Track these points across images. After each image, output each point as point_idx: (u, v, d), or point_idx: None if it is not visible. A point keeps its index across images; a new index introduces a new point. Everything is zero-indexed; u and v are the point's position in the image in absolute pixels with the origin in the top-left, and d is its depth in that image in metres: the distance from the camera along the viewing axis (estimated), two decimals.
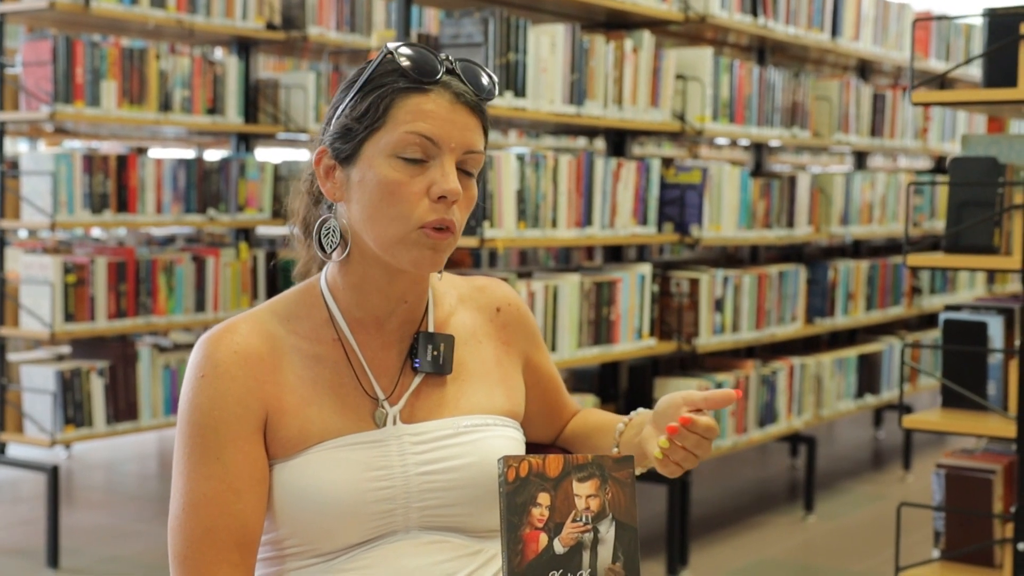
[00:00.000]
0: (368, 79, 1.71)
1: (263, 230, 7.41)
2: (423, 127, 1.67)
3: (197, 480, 1.68)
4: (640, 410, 1.88)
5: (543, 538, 1.57)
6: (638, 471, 1.81)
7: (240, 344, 1.72)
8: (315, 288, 1.80)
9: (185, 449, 1.69)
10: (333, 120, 1.74)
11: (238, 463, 1.68)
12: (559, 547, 1.57)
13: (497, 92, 1.77)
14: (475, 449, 1.75)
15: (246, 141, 6.15)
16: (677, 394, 1.76)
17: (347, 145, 1.71)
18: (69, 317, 5.06)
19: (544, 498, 1.57)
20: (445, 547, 1.74)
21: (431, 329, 1.81)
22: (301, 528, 1.70)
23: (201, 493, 1.67)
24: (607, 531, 1.59)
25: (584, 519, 1.59)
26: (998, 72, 3.54)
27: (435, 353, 1.79)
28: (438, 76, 1.69)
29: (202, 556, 1.66)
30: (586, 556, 1.59)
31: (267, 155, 7.31)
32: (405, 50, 1.70)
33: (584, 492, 1.59)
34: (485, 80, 1.74)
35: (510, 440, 1.81)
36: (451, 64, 1.72)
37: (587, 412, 2.03)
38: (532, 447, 1.95)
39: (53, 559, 4.93)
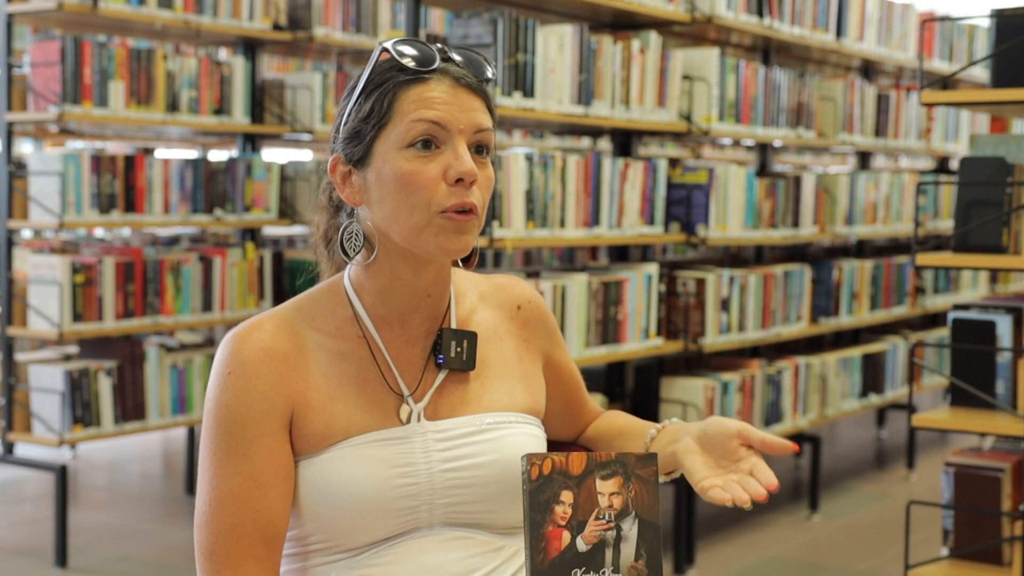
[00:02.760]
0: (369, 79, 1.73)
1: (269, 230, 7.43)
2: (429, 114, 1.69)
3: (224, 477, 1.69)
4: (675, 420, 1.88)
5: (566, 536, 1.57)
6: (663, 479, 1.81)
7: (267, 341, 1.73)
8: (338, 286, 1.82)
9: (212, 446, 1.70)
10: (341, 127, 1.76)
11: (264, 460, 1.69)
12: (582, 545, 1.57)
13: (494, 75, 1.79)
14: (498, 446, 1.77)
15: (252, 141, 6.15)
16: (731, 422, 1.75)
17: (358, 147, 1.73)
18: (77, 317, 5.07)
19: (567, 496, 1.57)
20: (468, 543, 1.75)
21: (454, 325, 1.83)
22: (325, 524, 1.71)
23: (227, 489, 1.68)
24: (630, 529, 1.59)
25: (607, 517, 1.59)
26: (1006, 72, 3.56)
27: (459, 350, 1.80)
28: (436, 64, 1.71)
29: (228, 551, 1.67)
30: (609, 554, 1.59)
31: (273, 155, 7.34)
32: (399, 45, 1.72)
33: (607, 490, 1.59)
34: (481, 64, 1.76)
35: (532, 438, 1.82)
36: (446, 52, 1.74)
37: (612, 415, 2.03)
38: (553, 445, 1.96)
39: (61, 558, 4.94)
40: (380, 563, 1.72)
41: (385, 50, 1.72)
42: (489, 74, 1.77)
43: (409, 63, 1.70)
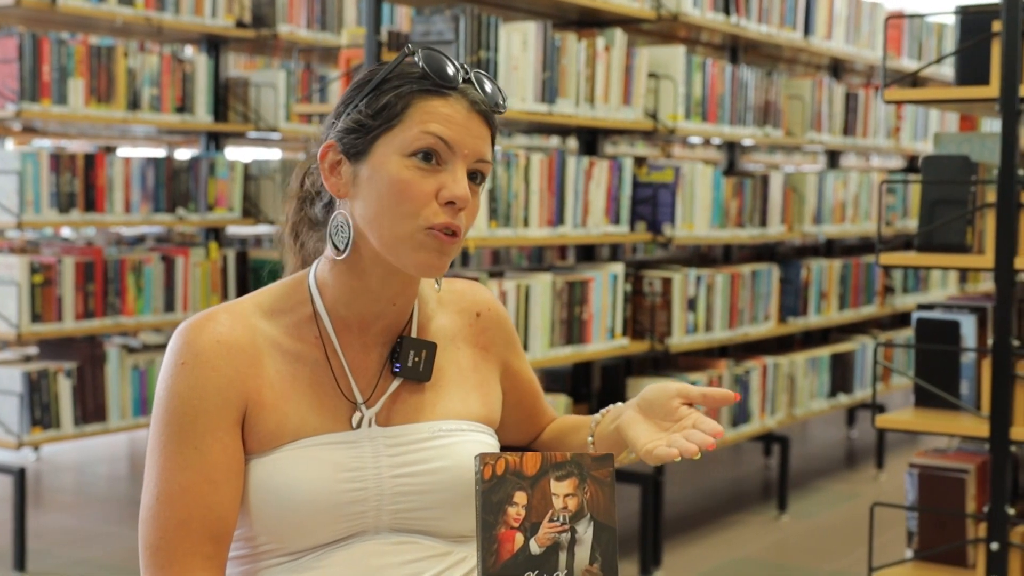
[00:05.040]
0: (386, 77, 1.70)
1: (233, 229, 7.38)
2: (440, 129, 1.66)
3: (173, 470, 1.65)
4: (618, 404, 1.85)
5: (519, 538, 1.54)
6: (616, 464, 1.78)
7: (222, 334, 1.69)
8: (303, 284, 1.78)
9: (162, 438, 1.66)
10: (343, 116, 1.72)
11: (216, 454, 1.65)
12: (535, 547, 1.55)
13: (505, 104, 1.76)
14: (449, 453, 1.74)
15: (216, 140, 6.10)
16: (670, 384, 1.73)
17: (359, 140, 1.69)
18: (36, 318, 5.01)
19: (521, 497, 1.55)
20: (413, 548, 1.72)
21: (414, 333, 1.79)
22: (272, 525, 1.67)
23: (177, 483, 1.64)
24: (585, 531, 1.57)
25: (561, 519, 1.56)
26: (970, 70, 3.55)
27: (416, 360, 1.77)
28: (456, 81, 1.68)
29: (175, 547, 1.63)
30: (563, 557, 1.56)
31: (237, 154, 7.28)
32: (425, 52, 1.69)
33: (562, 491, 1.56)
34: (496, 92, 1.74)
35: (484, 445, 1.79)
36: (467, 72, 1.71)
37: (563, 418, 2.02)
38: (507, 449, 1.93)
39: (20, 562, 4.88)
40: (323, 565, 1.69)
41: (411, 54, 1.70)
42: (504, 105, 1.74)
43: (432, 73, 1.67)
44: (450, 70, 1.68)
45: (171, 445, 1.65)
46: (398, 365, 1.76)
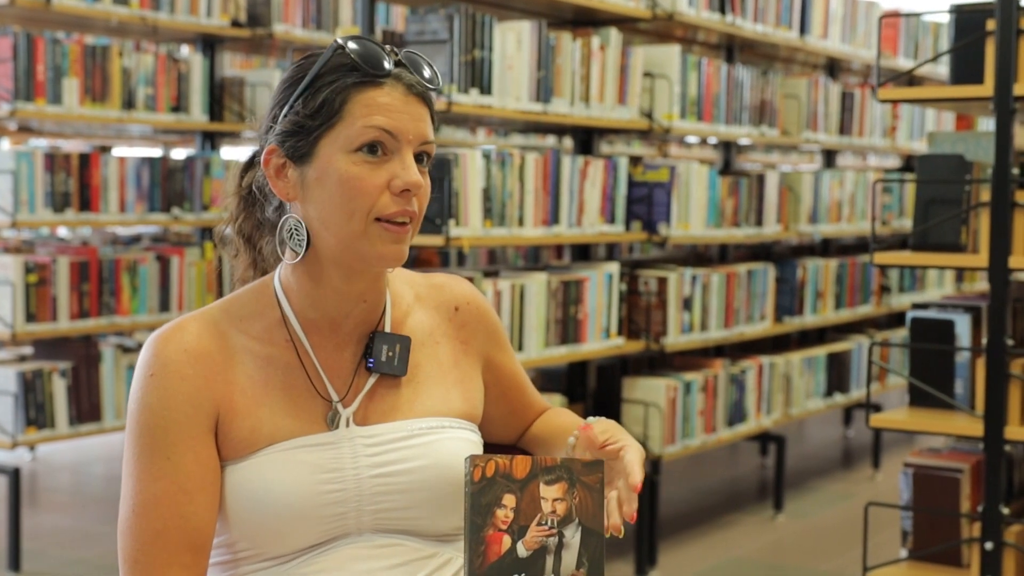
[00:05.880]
0: (318, 74, 1.67)
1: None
2: (381, 120, 1.65)
3: (147, 481, 1.64)
4: (600, 419, 1.82)
5: (506, 540, 1.54)
6: None
7: (191, 343, 1.69)
8: (268, 288, 1.76)
9: (135, 450, 1.66)
10: (280, 118, 1.70)
11: (189, 463, 1.65)
12: (522, 550, 1.55)
13: (440, 82, 1.76)
14: (429, 451, 1.72)
15: (211, 139, 6.09)
16: (596, 441, 1.71)
17: (302, 143, 1.67)
18: (31, 317, 5.00)
19: (509, 500, 1.54)
20: (399, 550, 1.70)
21: (387, 329, 1.78)
22: (252, 531, 1.66)
23: (151, 494, 1.64)
24: (572, 536, 1.56)
25: (549, 523, 1.56)
26: (965, 69, 3.54)
27: (390, 354, 1.75)
28: (389, 69, 1.67)
29: (153, 558, 1.63)
30: (550, 560, 1.56)
31: (232, 153, 7.26)
32: (354, 44, 1.68)
33: (551, 495, 1.56)
34: (428, 70, 1.72)
35: (466, 442, 1.77)
36: (397, 55, 1.70)
37: (552, 413, 1.98)
38: (494, 448, 1.91)
39: (14, 562, 4.87)
40: (308, 571, 1.68)
41: (340, 47, 1.67)
42: (439, 83, 1.73)
43: (363, 64, 1.66)
44: (380, 57, 1.67)
45: (144, 457, 1.65)
46: (372, 361, 1.75)
